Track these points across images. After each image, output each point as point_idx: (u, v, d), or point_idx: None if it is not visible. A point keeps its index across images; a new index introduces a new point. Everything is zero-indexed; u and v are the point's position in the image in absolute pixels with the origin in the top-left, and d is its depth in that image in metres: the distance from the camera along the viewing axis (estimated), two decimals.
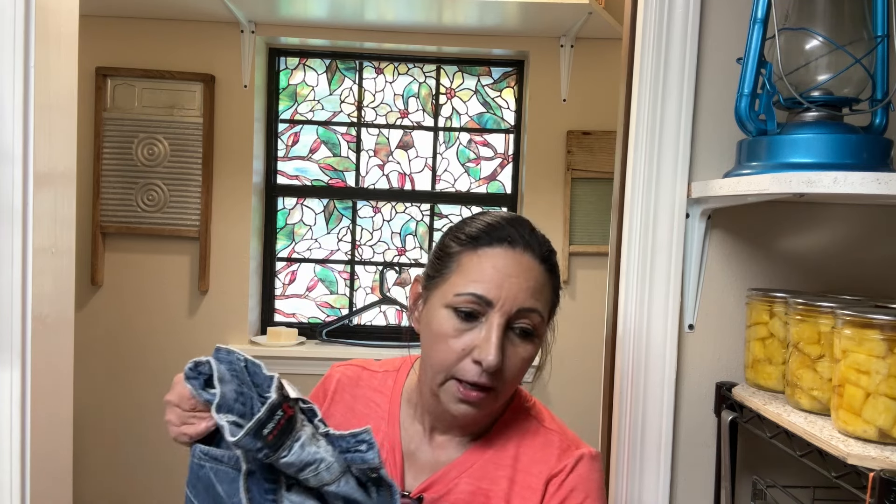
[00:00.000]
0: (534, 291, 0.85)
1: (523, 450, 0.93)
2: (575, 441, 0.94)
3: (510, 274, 0.84)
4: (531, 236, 0.88)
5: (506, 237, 0.86)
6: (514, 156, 2.71)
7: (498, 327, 0.83)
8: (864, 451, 0.85)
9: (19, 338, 1.13)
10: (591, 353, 2.53)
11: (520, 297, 0.84)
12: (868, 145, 0.99)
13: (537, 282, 0.86)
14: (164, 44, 2.50)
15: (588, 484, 0.90)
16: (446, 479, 0.91)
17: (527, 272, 0.85)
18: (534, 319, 0.86)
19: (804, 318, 1.03)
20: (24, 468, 1.15)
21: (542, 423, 0.96)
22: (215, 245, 2.55)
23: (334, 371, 1.03)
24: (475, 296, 0.84)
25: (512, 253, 0.86)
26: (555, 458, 0.91)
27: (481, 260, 0.86)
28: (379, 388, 1.00)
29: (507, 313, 0.84)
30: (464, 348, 0.84)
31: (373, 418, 0.97)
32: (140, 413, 2.56)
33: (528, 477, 0.91)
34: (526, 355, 0.87)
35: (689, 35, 1.20)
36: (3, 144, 1.11)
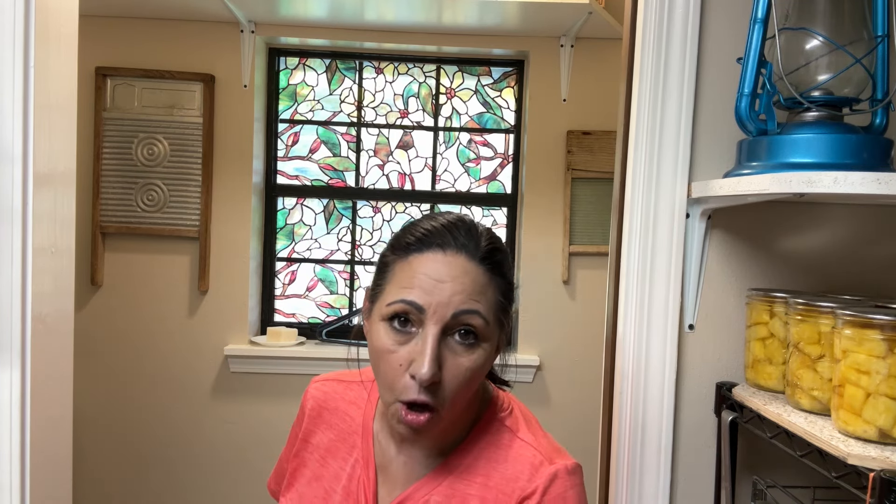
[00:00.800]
0: (471, 293, 0.80)
1: (494, 465, 0.88)
2: (549, 454, 0.87)
3: (441, 278, 0.79)
4: (467, 237, 0.82)
5: (436, 242, 0.81)
6: (514, 156, 2.71)
7: (433, 337, 0.78)
8: (865, 451, 0.85)
9: (19, 338, 1.13)
10: (591, 353, 2.53)
11: (454, 301, 0.79)
12: (868, 145, 0.99)
13: (475, 283, 0.80)
14: (164, 44, 2.50)
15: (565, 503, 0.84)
16: (416, 496, 0.89)
17: (461, 275, 0.80)
18: (474, 322, 0.80)
19: (804, 318, 1.03)
20: (24, 468, 1.15)
21: (516, 435, 0.90)
22: (215, 245, 2.55)
23: (312, 388, 1.02)
24: (405, 302, 0.79)
25: (443, 257, 0.81)
26: (526, 477, 0.85)
27: (412, 267, 0.81)
28: (354, 399, 0.99)
29: (441, 320, 0.78)
30: (401, 363, 0.80)
31: (349, 434, 0.96)
32: (140, 413, 2.56)
33: (498, 495, 0.86)
34: (470, 365, 0.80)
35: (689, 35, 1.20)
36: (3, 144, 1.11)
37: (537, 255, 2.57)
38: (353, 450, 0.96)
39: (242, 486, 2.57)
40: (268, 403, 2.57)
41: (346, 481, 0.94)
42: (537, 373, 2.59)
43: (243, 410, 2.57)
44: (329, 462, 0.96)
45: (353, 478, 0.93)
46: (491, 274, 0.82)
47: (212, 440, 2.57)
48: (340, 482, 0.94)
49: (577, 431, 2.54)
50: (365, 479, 0.93)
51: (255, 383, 2.57)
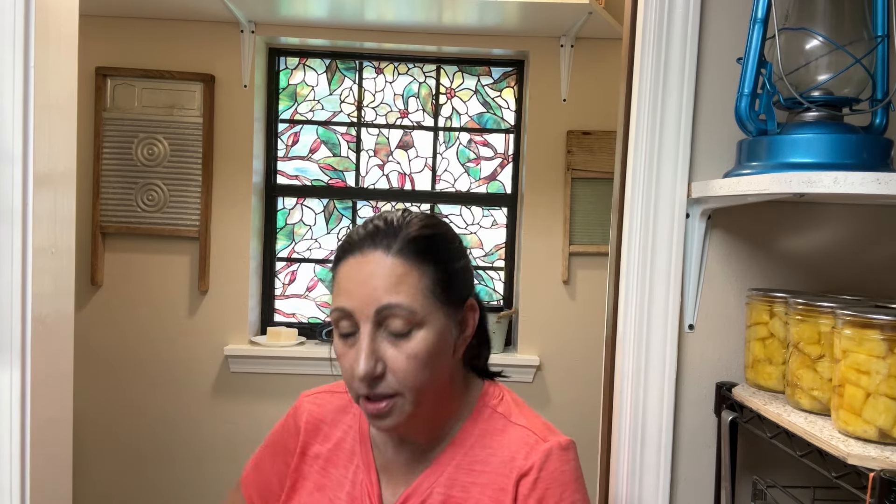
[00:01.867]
0: (388, 287, 0.83)
1: (491, 451, 0.91)
2: (543, 433, 0.90)
3: (360, 281, 0.84)
4: (385, 234, 0.86)
5: (353, 247, 0.86)
6: (514, 156, 2.71)
7: (367, 335, 0.83)
8: (865, 451, 0.85)
9: (19, 338, 1.13)
10: (591, 353, 2.53)
11: (373, 297, 0.83)
12: (868, 145, 0.99)
13: (392, 276, 0.83)
14: (164, 44, 2.50)
15: (562, 477, 0.87)
16: (420, 490, 0.91)
17: (377, 271, 0.84)
18: (399, 313, 0.83)
19: (804, 318, 1.03)
20: (24, 468, 1.15)
21: (509, 419, 0.93)
22: (215, 245, 2.55)
23: (303, 403, 1.03)
24: (336, 310, 0.85)
25: (360, 259, 0.85)
26: (522, 455, 0.88)
27: (339, 275, 0.87)
28: (348, 408, 1.00)
29: (368, 318, 0.83)
30: (351, 365, 0.84)
31: (347, 441, 0.98)
32: (140, 413, 2.56)
33: (499, 478, 0.88)
34: (411, 351, 0.83)
35: (689, 35, 1.20)
36: (3, 144, 1.11)
37: (537, 255, 2.57)
38: (354, 456, 0.96)
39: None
40: (268, 403, 2.57)
41: (350, 487, 0.94)
42: (537, 373, 2.59)
43: (243, 410, 2.57)
44: (330, 471, 0.97)
45: (357, 483, 0.94)
46: (412, 262, 0.85)
47: (212, 440, 2.57)
48: (344, 489, 0.95)
49: (577, 431, 2.53)
50: (368, 483, 0.94)
51: (255, 383, 2.57)
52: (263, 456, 1.06)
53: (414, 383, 0.84)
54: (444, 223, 0.94)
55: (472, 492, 0.89)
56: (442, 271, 0.87)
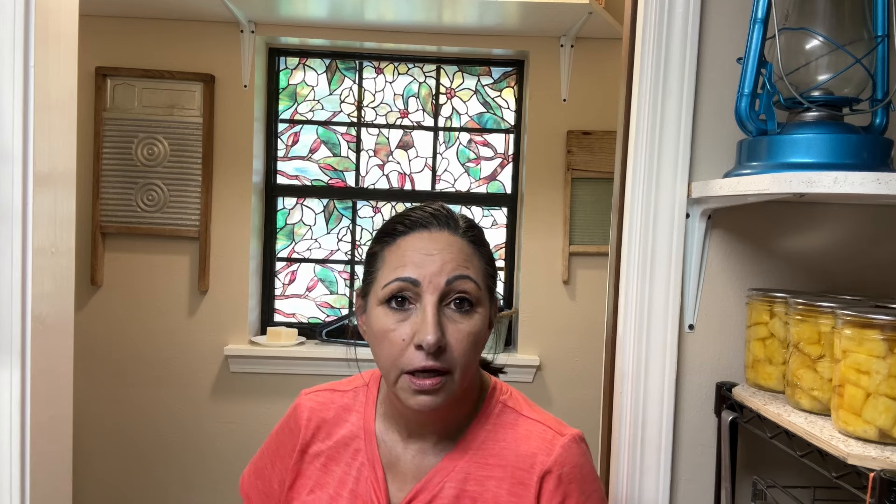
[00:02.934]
0: (460, 261, 0.86)
1: (505, 444, 0.91)
2: (559, 427, 0.93)
3: (430, 252, 0.85)
4: (447, 217, 0.89)
5: (419, 222, 0.88)
6: (514, 156, 2.71)
7: (431, 305, 0.83)
8: (865, 451, 0.85)
9: (19, 338, 1.13)
10: (591, 353, 2.54)
11: (446, 268, 0.84)
12: (868, 145, 0.99)
13: (462, 252, 0.86)
14: (164, 44, 2.50)
15: (583, 470, 0.90)
16: (430, 485, 0.91)
17: (448, 246, 0.86)
18: (467, 286, 0.85)
19: (804, 318, 1.03)
20: (24, 468, 1.15)
21: (521, 413, 0.94)
22: (215, 245, 2.55)
23: (304, 401, 1.01)
24: (400, 279, 0.84)
25: (429, 234, 0.87)
26: (544, 452, 0.89)
27: (400, 249, 0.87)
28: (351, 406, 1.00)
29: (437, 289, 0.84)
30: (404, 338, 0.84)
31: (351, 439, 0.97)
32: (140, 413, 2.56)
33: (518, 472, 0.89)
34: (470, 329, 0.85)
35: (689, 35, 1.20)
36: (3, 144, 1.11)
37: (537, 255, 2.57)
38: (358, 454, 0.96)
39: None
40: (268, 403, 2.57)
41: (354, 485, 0.94)
42: (537, 373, 2.59)
43: (243, 410, 2.57)
44: (332, 468, 0.96)
45: (361, 480, 0.94)
46: (475, 245, 0.89)
47: (212, 440, 2.57)
48: (347, 486, 0.94)
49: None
50: (373, 480, 0.93)
51: (255, 383, 2.57)
52: (263, 461, 1.05)
53: (465, 362, 0.85)
54: None
55: (489, 485, 0.89)
56: (491, 261, 0.92)
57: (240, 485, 1.08)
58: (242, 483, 1.07)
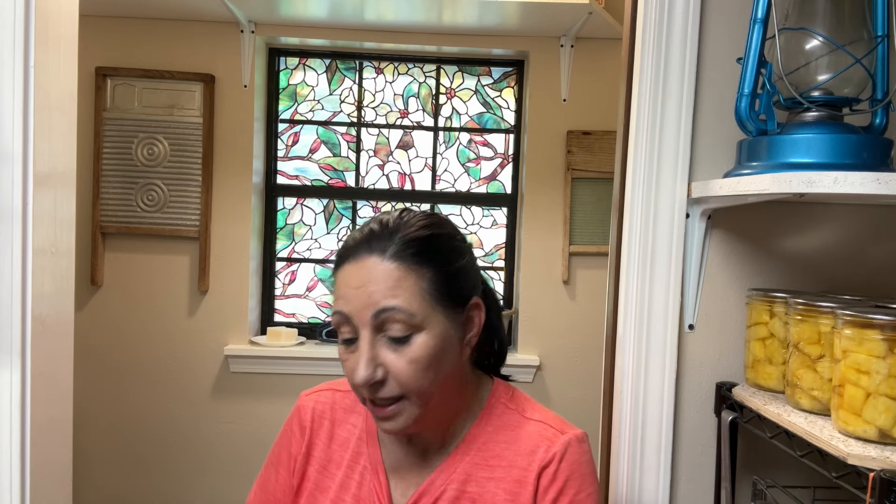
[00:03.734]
0: (384, 291, 0.83)
1: (506, 446, 0.91)
2: (560, 426, 0.92)
3: (356, 285, 0.84)
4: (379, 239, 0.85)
5: (350, 253, 0.87)
6: (514, 156, 2.71)
7: (364, 340, 0.83)
8: (864, 451, 0.85)
9: (19, 338, 1.13)
10: (591, 353, 2.54)
11: (371, 302, 0.83)
12: (868, 145, 0.99)
13: (389, 279, 0.83)
14: (164, 44, 2.50)
15: (581, 469, 0.89)
16: (433, 488, 0.91)
17: (372, 277, 0.83)
18: (397, 317, 0.82)
19: (804, 318, 1.03)
20: (24, 468, 1.15)
21: (523, 415, 0.94)
22: (215, 245, 2.55)
23: (306, 401, 1.01)
24: (336, 314, 0.86)
25: (355, 265, 0.85)
26: (542, 449, 0.89)
27: (338, 281, 0.87)
28: (353, 408, 0.99)
29: (367, 323, 0.83)
30: (353, 370, 0.84)
31: (352, 441, 0.96)
32: (140, 413, 2.56)
33: (518, 471, 0.89)
34: (412, 356, 0.83)
35: (689, 35, 1.20)
36: (3, 144, 1.11)
37: (537, 255, 2.57)
38: (360, 456, 0.95)
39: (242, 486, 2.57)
40: (268, 403, 2.57)
41: (356, 489, 0.93)
42: (537, 373, 2.59)
43: (243, 410, 2.57)
44: (332, 471, 0.95)
45: (363, 484, 0.93)
46: (408, 266, 0.84)
47: (212, 440, 2.57)
48: (349, 491, 0.93)
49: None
50: (376, 483, 0.92)
51: (255, 383, 2.57)
52: (268, 473, 1.03)
53: (417, 387, 0.84)
54: (444, 221, 0.92)
55: (488, 486, 0.89)
56: (441, 273, 0.86)
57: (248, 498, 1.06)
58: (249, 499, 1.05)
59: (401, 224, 0.87)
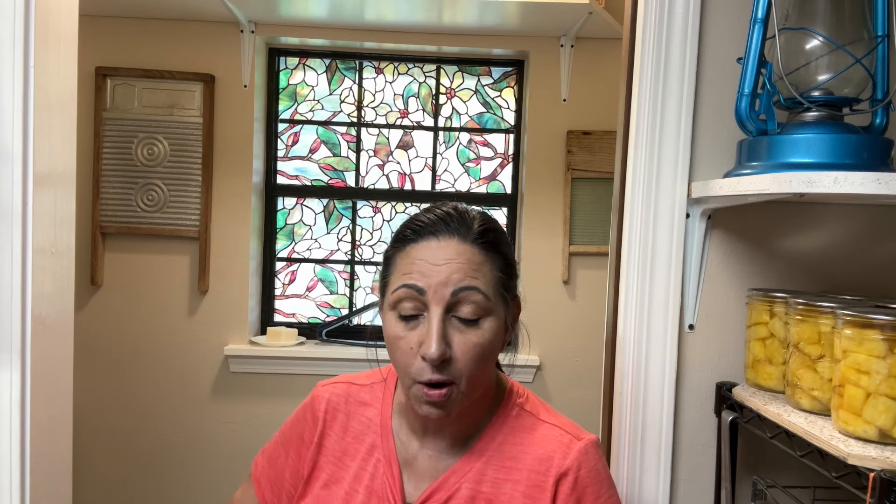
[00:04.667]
0: (468, 271, 0.84)
1: (522, 448, 0.92)
2: (576, 432, 0.93)
3: (437, 262, 0.84)
4: (459, 222, 0.88)
5: (428, 230, 0.87)
6: (514, 156, 2.71)
7: (437, 317, 0.83)
8: (865, 451, 0.85)
9: (19, 338, 1.13)
10: (591, 353, 2.54)
11: (452, 279, 0.83)
12: (868, 145, 0.99)
13: (470, 262, 0.85)
14: (164, 44, 2.50)
15: (599, 475, 0.90)
16: (446, 485, 0.91)
17: (456, 256, 0.85)
18: (474, 298, 0.84)
19: (804, 318, 1.03)
20: (24, 468, 1.15)
21: (539, 418, 0.95)
22: (215, 245, 2.55)
23: (321, 392, 1.00)
24: (406, 286, 0.84)
25: (437, 243, 0.86)
26: (560, 455, 0.90)
27: (409, 256, 0.87)
28: (369, 401, 0.99)
29: (442, 299, 0.83)
30: (412, 347, 0.84)
31: (367, 434, 0.96)
32: (140, 413, 2.56)
33: (534, 475, 0.90)
34: (477, 340, 0.84)
35: (689, 35, 1.20)
36: (3, 144, 1.11)
37: (537, 255, 2.57)
38: (374, 449, 0.95)
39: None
40: (268, 403, 2.57)
41: (369, 481, 0.93)
42: (537, 373, 2.59)
43: (243, 410, 2.57)
44: (347, 463, 0.96)
45: (377, 477, 0.93)
46: (486, 252, 0.87)
47: (212, 440, 2.57)
48: (362, 482, 0.93)
49: None
50: (389, 476, 0.92)
51: (255, 383, 2.57)
52: (277, 449, 1.03)
53: (473, 373, 0.84)
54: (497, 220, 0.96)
55: (504, 488, 0.90)
56: (508, 264, 0.90)
57: (252, 467, 1.06)
58: (255, 467, 1.06)
59: (472, 213, 0.90)
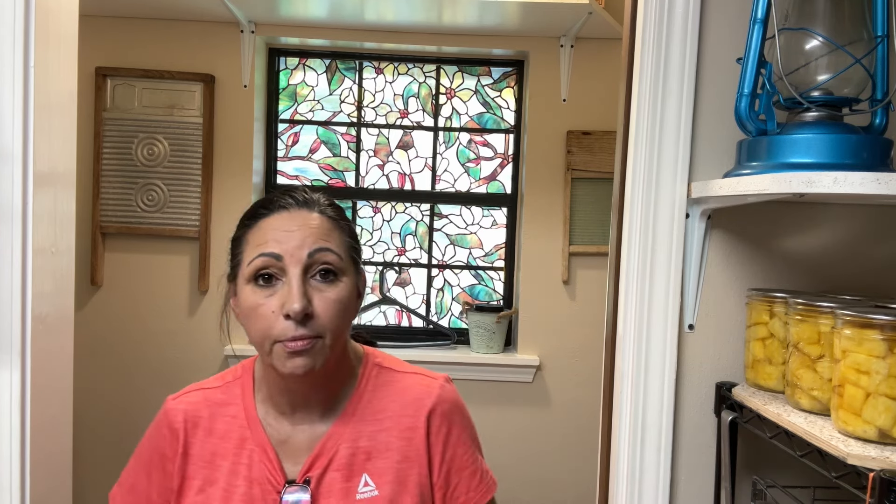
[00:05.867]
0: (320, 234, 0.91)
1: (390, 399, 0.98)
2: (432, 374, 1.02)
3: (290, 229, 0.90)
4: (305, 198, 0.94)
5: (279, 205, 0.93)
6: (514, 156, 2.71)
7: (296, 277, 0.87)
8: (864, 451, 0.85)
9: (19, 338, 1.13)
10: (591, 353, 2.54)
11: (307, 242, 0.89)
12: (868, 145, 0.99)
13: (321, 227, 0.91)
14: (164, 44, 2.50)
15: (459, 404, 1.01)
16: (325, 451, 0.94)
17: (307, 223, 0.91)
18: (329, 258, 0.90)
19: (804, 318, 1.03)
20: (24, 468, 1.15)
21: (396, 370, 1.02)
22: (215, 245, 2.55)
23: (174, 405, 1.01)
24: (263, 255, 0.89)
25: (288, 213, 0.92)
26: (426, 395, 0.98)
27: (262, 230, 0.92)
28: (227, 400, 1.00)
29: (299, 261, 0.88)
30: (273, 310, 0.87)
31: (233, 430, 0.97)
32: (140, 413, 2.56)
33: (405, 419, 0.97)
34: (336, 296, 0.90)
35: (689, 35, 1.20)
36: (3, 144, 1.11)
37: (537, 255, 2.57)
38: (244, 442, 0.96)
39: None
40: None
41: (247, 471, 0.95)
42: (537, 373, 2.59)
43: None
44: (218, 463, 0.96)
45: (253, 466, 0.95)
46: (334, 221, 0.94)
47: None
48: (240, 475, 0.95)
49: (577, 431, 2.54)
50: (266, 461, 0.94)
51: None
52: (135, 476, 1.04)
53: (335, 327, 0.89)
54: None
55: (380, 438, 0.96)
56: (352, 233, 0.97)
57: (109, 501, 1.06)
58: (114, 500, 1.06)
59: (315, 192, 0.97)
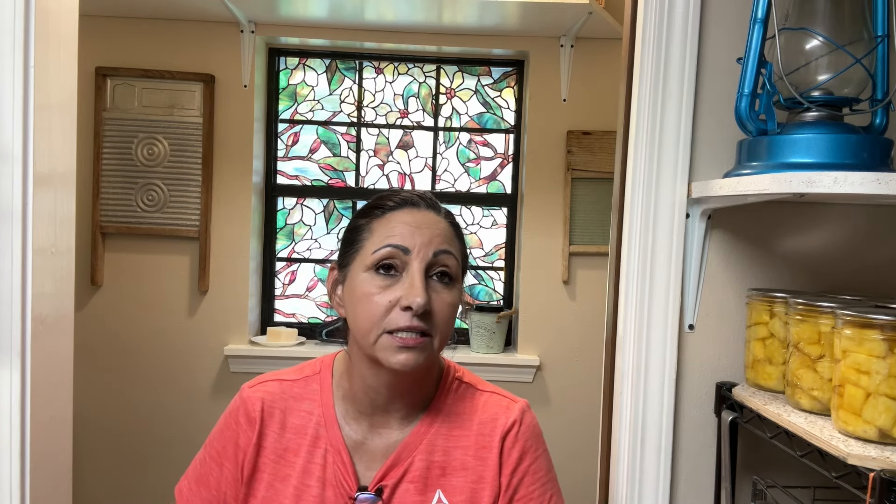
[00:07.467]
0: (445, 238, 0.92)
1: (467, 417, 0.98)
2: (512, 396, 1.01)
3: (420, 225, 0.91)
4: (432, 201, 0.97)
5: (409, 200, 0.95)
6: (514, 156, 2.71)
7: (419, 272, 0.88)
8: (864, 451, 0.85)
9: (19, 338, 1.13)
10: (591, 353, 2.54)
11: (434, 242, 0.90)
12: (868, 145, 0.99)
13: (446, 231, 0.94)
14: (164, 44, 2.50)
15: (535, 430, 0.99)
16: (400, 461, 0.94)
17: (435, 224, 0.93)
18: (450, 262, 0.91)
19: (804, 318, 1.03)
20: (24, 468, 1.15)
21: (477, 388, 1.01)
22: (215, 245, 2.55)
23: (251, 394, 0.99)
24: (391, 246, 0.89)
25: (418, 210, 0.94)
26: (502, 416, 0.97)
27: (391, 220, 0.92)
28: (304, 395, 0.99)
29: (424, 258, 0.89)
30: (390, 301, 0.88)
31: (308, 427, 0.96)
32: (140, 413, 2.56)
33: (480, 438, 0.96)
34: (450, 300, 0.91)
35: (689, 35, 1.20)
36: (3, 144, 1.11)
37: (537, 255, 2.57)
38: (319, 440, 0.96)
39: None
40: None
41: (320, 472, 0.94)
42: (537, 373, 2.59)
43: None
44: (290, 459, 0.95)
45: (327, 467, 0.94)
46: (454, 231, 0.96)
47: None
48: (313, 475, 0.94)
49: (577, 431, 2.54)
50: (340, 464, 0.94)
51: None
52: (207, 468, 1.00)
53: (445, 329, 0.91)
54: None
55: (455, 454, 0.95)
56: (465, 247, 0.98)
57: (176, 495, 1.02)
58: (180, 494, 1.01)
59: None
